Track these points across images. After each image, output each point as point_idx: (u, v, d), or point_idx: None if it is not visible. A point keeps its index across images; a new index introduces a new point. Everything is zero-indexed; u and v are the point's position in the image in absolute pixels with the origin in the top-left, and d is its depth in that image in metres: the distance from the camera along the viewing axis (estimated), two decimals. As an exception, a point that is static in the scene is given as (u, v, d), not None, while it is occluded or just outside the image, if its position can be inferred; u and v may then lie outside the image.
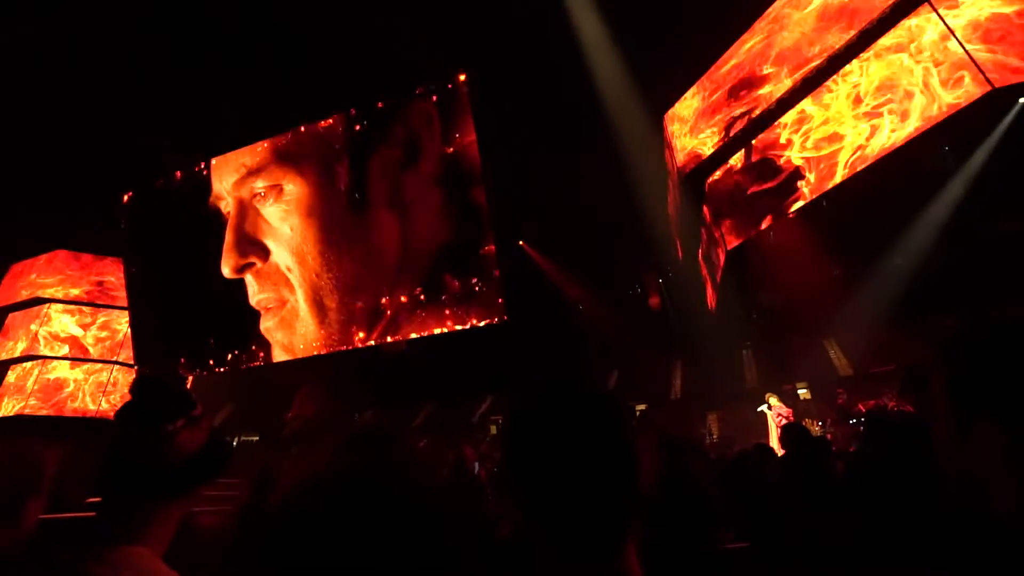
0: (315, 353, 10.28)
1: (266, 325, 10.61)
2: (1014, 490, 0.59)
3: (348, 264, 10.10)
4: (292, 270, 10.39)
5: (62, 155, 10.71)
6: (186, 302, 11.49)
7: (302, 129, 10.63)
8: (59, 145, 10.55)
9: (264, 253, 10.59)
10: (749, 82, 7.03)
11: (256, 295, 10.67)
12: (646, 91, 8.85)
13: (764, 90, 6.74)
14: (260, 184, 10.77)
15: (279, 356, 10.63)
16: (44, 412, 12.61)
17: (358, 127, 10.27)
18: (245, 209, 10.86)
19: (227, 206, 11.15)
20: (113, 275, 13.74)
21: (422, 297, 9.51)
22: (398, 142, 9.87)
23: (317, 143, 10.63)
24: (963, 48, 4.68)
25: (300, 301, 10.32)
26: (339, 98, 10.13)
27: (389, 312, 9.71)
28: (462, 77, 9.39)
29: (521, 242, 12.16)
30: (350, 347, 10.06)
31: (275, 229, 10.57)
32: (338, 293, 10.13)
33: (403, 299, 9.67)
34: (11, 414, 12.43)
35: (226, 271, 10.75)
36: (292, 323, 10.44)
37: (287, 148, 10.79)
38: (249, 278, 10.74)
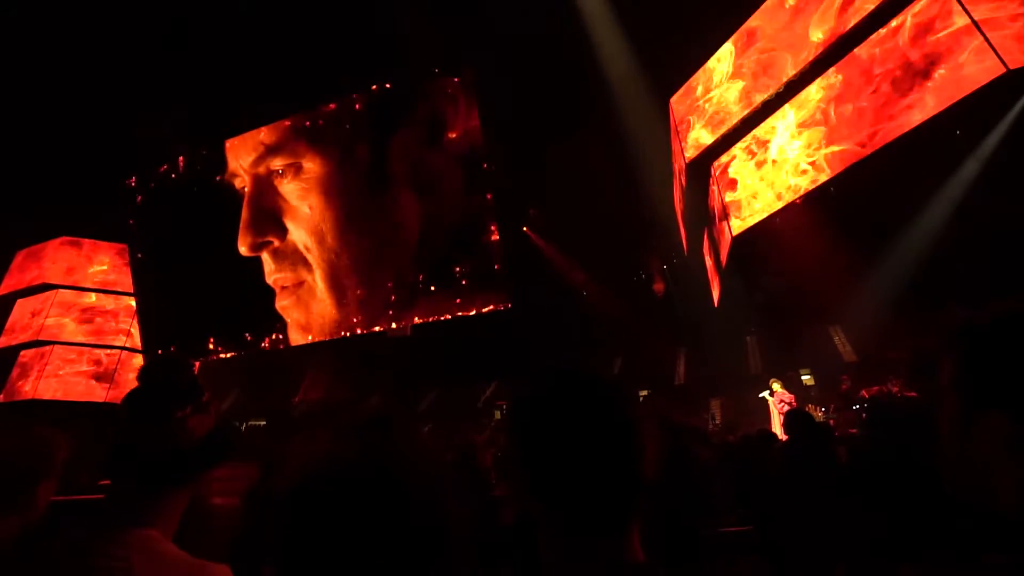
0: (332, 333, 10.22)
1: (282, 304, 10.58)
2: (1018, 483, 0.58)
3: (367, 244, 9.98)
4: (310, 249, 10.29)
5: (66, 142, 10.70)
6: (196, 286, 11.46)
7: (321, 108, 10.47)
8: (62, 132, 10.54)
9: (282, 231, 10.49)
10: (756, 65, 6.91)
11: (273, 274, 10.60)
12: (652, 75, 8.71)
13: (771, 73, 6.63)
14: (278, 162, 10.59)
15: (295, 335, 10.60)
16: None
17: (379, 106, 10.05)
18: (262, 187, 10.70)
19: (243, 184, 10.96)
20: (119, 261, 13.80)
21: (440, 279, 9.43)
22: (420, 121, 9.66)
23: (337, 121, 10.42)
24: (979, 30, 4.57)
25: (318, 280, 10.25)
26: (348, 81, 10.06)
27: (407, 294, 9.62)
28: (466, 61, 9.27)
29: (525, 228, 12.11)
30: (367, 329, 9.99)
31: (294, 208, 10.44)
32: (356, 273, 10.05)
33: (421, 281, 9.59)
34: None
35: (243, 249, 10.63)
36: (309, 302, 10.40)
37: (306, 126, 10.60)
38: (265, 256, 10.65)
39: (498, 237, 8.97)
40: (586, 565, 0.63)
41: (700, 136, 7.82)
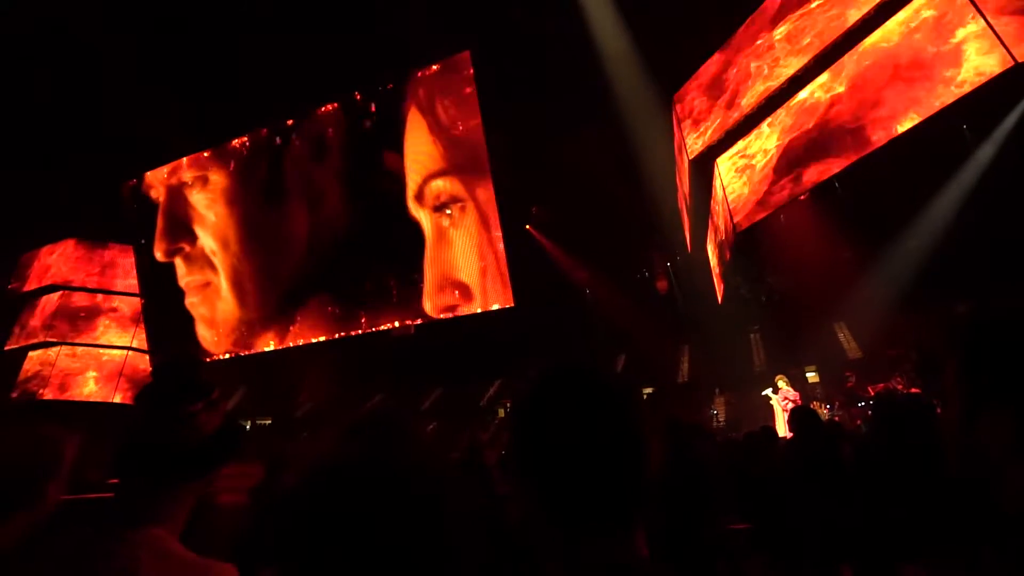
0: (233, 329, 11.20)
1: (191, 301, 11.52)
2: (1022, 478, 0.58)
3: (264, 250, 10.94)
4: (216, 254, 11.21)
5: (69, 143, 10.78)
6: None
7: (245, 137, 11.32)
8: (66, 133, 10.60)
9: (192, 238, 11.44)
10: (759, 62, 6.87)
11: (184, 277, 11.54)
12: (655, 71, 8.65)
13: (775, 69, 6.59)
14: (188, 174, 11.60)
15: (202, 330, 11.55)
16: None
17: (280, 125, 11.00)
18: (175, 197, 11.71)
19: (157, 194, 11.97)
20: (124, 262, 13.85)
21: (330, 288, 10.31)
22: (310, 139, 10.65)
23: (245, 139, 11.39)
24: (986, 21, 4.53)
25: (222, 282, 11.18)
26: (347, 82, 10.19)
27: (310, 299, 10.48)
28: (466, 55, 9.25)
29: (528, 226, 12.09)
30: (268, 326, 10.87)
31: (202, 215, 11.37)
32: (256, 277, 11.00)
33: (307, 289, 10.49)
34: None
35: (158, 255, 11.62)
36: (214, 301, 11.35)
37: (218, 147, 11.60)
38: (178, 261, 11.60)
39: (501, 235, 8.98)
40: (589, 564, 0.63)
41: (703, 132, 7.78)
